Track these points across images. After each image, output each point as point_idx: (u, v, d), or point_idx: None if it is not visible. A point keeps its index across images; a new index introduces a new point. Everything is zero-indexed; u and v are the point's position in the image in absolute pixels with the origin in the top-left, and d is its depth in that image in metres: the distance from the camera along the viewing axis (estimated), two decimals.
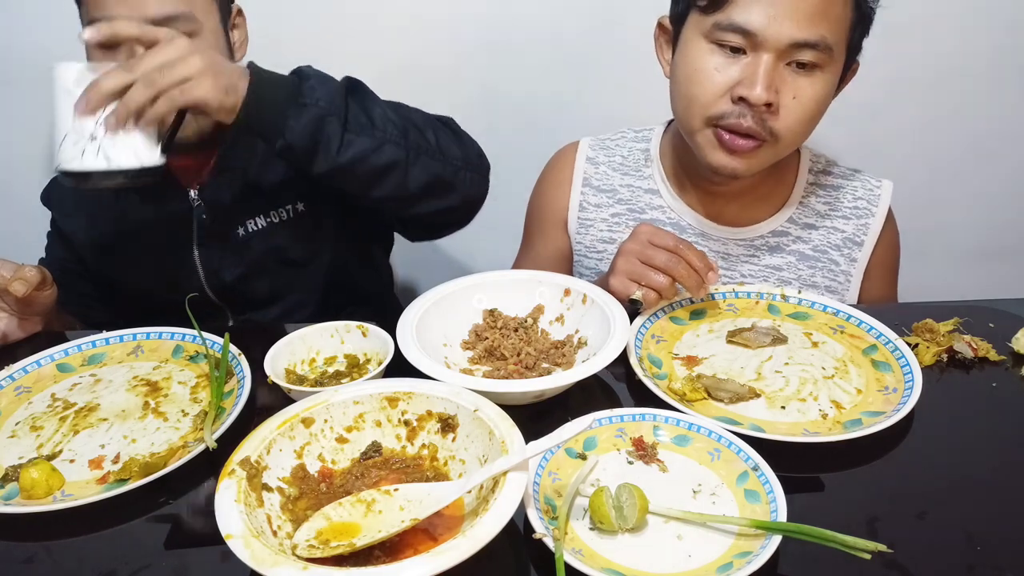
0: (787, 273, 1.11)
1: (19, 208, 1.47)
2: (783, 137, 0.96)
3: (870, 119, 1.52)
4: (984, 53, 1.47)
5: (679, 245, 0.91)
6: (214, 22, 1.05)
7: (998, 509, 0.69)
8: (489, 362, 0.91)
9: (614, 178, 1.17)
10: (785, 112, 0.94)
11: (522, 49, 1.43)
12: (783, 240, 1.11)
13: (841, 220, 1.11)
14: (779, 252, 1.11)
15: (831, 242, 1.11)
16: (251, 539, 0.58)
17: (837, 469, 0.75)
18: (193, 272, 1.17)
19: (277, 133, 0.88)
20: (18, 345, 1.00)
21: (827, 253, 1.11)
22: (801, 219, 1.11)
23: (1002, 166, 1.60)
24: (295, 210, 1.16)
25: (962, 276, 1.71)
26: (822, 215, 1.11)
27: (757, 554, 0.61)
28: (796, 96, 0.93)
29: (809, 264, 1.11)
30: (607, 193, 1.17)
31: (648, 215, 1.14)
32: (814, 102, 0.95)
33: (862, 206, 1.11)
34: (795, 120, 0.95)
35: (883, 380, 0.86)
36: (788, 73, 0.93)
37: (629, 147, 1.18)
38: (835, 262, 1.11)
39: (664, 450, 0.75)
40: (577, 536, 0.66)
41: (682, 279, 0.91)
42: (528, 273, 1.02)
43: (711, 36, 0.94)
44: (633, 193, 1.15)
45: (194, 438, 0.79)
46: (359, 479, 0.71)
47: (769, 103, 0.92)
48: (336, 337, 0.92)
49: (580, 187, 1.18)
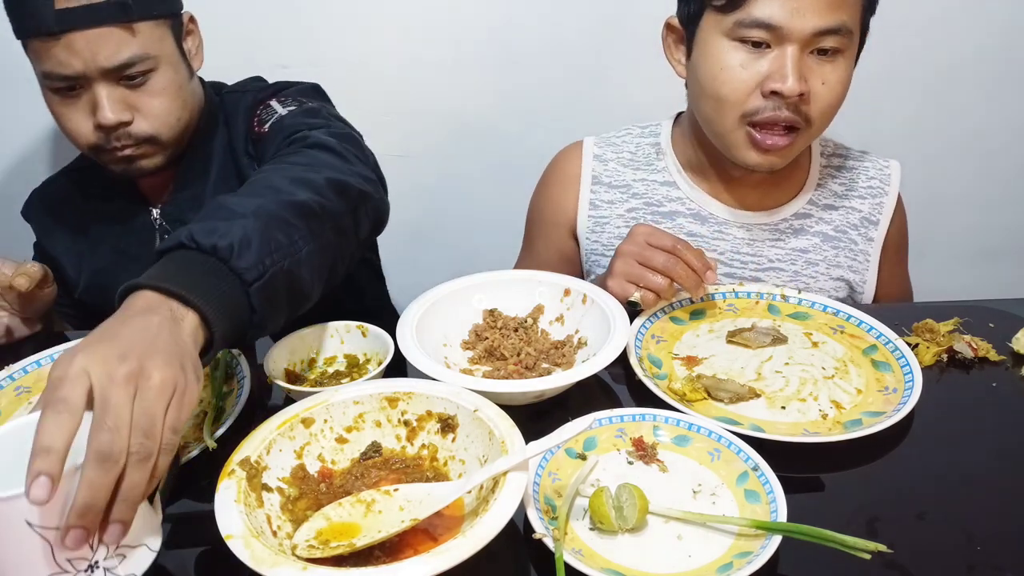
0: (814, 255, 1.11)
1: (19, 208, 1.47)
2: (816, 123, 0.98)
3: (870, 118, 1.52)
4: (984, 53, 1.47)
5: (677, 245, 0.91)
6: (169, 48, 1.04)
7: (998, 509, 0.70)
8: (489, 362, 0.91)
9: (625, 173, 1.16)
10: (815, 98, 0.95)
11: (525, 49, 1.43)
12: (807, 222, 1.11)
13: (858, 200, 1.13)
14: (804, 234, 1.11)
15: (850, 222, 1.12)
16: (251, 539, 0.58)
17: (837, 469, 0.75)
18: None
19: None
20: (18, 345, 1.00)
21: (847, 233, 1.12)
22: (821, 200, 1.12)
23: (1002, 166, 1.60)
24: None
25: (962, 276, 1.71)
26: (840, 195, 1.13)
27: (757, 554, 0.61)
28: (824, 82, 0.95)
29: (832, 245, 1.11)
30: (620, 189, 1.15)
31: (667, 208, 1.13)
32: (841, 85, 0.97)
33: (875, 185, 1.13)
34: (826, 104, 0.97)
35: (883, 380, 0.86)
36: (813, 61, 0.94)
37: (637, 142, 1.18)
38: (854, 241, 1.12)
39: (664, 450, 0.75)
40: (577, 536, 0.66)
41: (680, 280, 0.91)
42: (528, 273, 1.02)
43: (733, 34, 0.94)
44: (648, 187, 1.14)
45: (194, 438, 0.79)
46: (359, 479, 0.71)
47: (802, 93, 0.93)
48: (336, 337, 0.92)
49: (590, 186, 1.16)
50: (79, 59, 0.96)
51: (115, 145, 1.02)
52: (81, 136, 1.02)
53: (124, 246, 1.14)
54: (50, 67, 0.97)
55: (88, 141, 1.03)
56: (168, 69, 1.03)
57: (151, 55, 1.00)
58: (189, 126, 1.09)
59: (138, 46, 0.99)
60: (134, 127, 1.02)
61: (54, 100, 1.01)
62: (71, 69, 0.97)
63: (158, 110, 1.03)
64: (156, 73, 1.01)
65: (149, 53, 1.00)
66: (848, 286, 1.12)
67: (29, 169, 1.45)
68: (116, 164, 1.05)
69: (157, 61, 1.01)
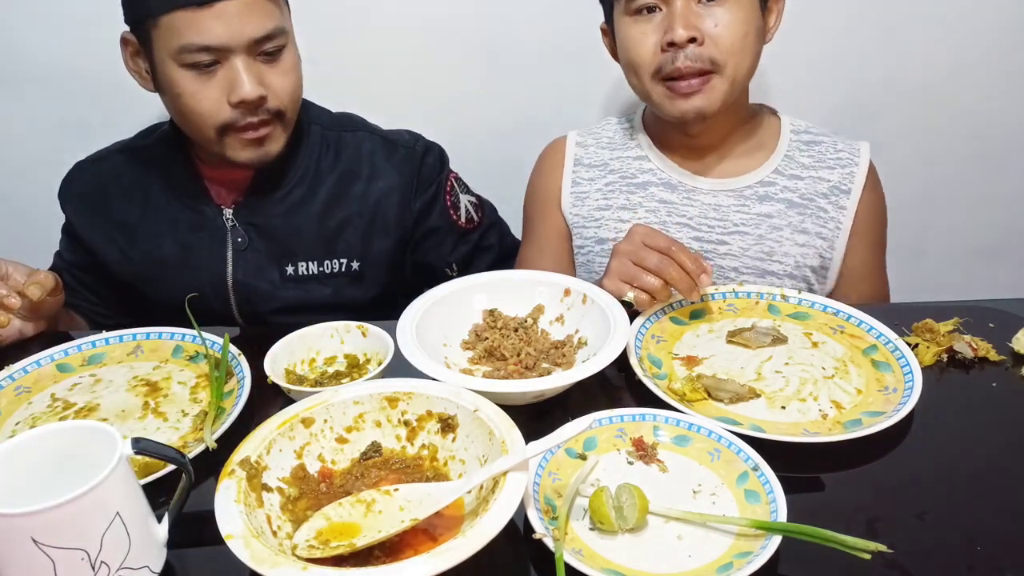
0: (778, 220, 1.14)
1: (19, 208, 1.47)
2: (725, 63, 1.03)
3: (870, 119, 1.52)
4: (984, 53, 1.47)
5: (671, 247, 0.92)
6: (292, 28, 1.05)
7: (998, 509, 0.69)
8: (489, 362, 0.91)
9: (603, 154, 1.23)
10: (715, 40, 1.02)
11: (521, 48, 1.43)
12: (771, 189, 1.15)
13: (826, 171, 1.16)
14: (768, 201, 1.15)
15: (818, 191, 1.15)
16: (251, 539, 0.58)
17: (837, 469, 0.75)
18: (225, 300, 1.16)
19: None
20: (19, 345, 1.00)
21: (815, 201, 1.15)
22: (787, 171, 1.16)
23: (1002, 166, 1.60)
24: (348, 266, 1.16)
25: (962, 276, 1.71)
26: (807, 167, 1.16)
27: (757, 554, 0.61)
28: (716, 23, 1.01)
29: (799, 211, 1.14)
30: (598, 168, 1.23)
31: (640, 179, 1.19)
32: (737, 22, 1.02)
33: (844, 157, 1.17)
34: (728, 43, 1.02)
35: (883, 380, 0.86)
36: (701, 9, 1.02)
37: (614, 128, 1.26)
38: (823, 209, 1.15)
39: (664, 450, 0.75)
40: (577, 536, 0.66)
41: (674, 281, 0.91)
42: (528, 273, 1.02)
43: (629, 9, 1.05)
44: (623, 163, 1.21)
45: (194, 438, 0.79)
46: (359, 479, 0.71)
47: (693, 38, 1.00)
48: (336, 337, 0.92)
49: (572, 167, 1.24)
50: (228, 29, 0.94)
51: (250, 122, 1.00)
52: (213, 115, 0.99)
53: (191, 240, 1.13)
54: (193, 39, 0.94)
55: (221, 119, 0.99)
56: (293, 48, 1.04)
57: (287, 30, 1.01)
58: (298, 113, 1.09)
59: (280, 19, 1.00)
60: (268, 103, 1.01)
61: (186, 77, 0.97)
62: (218, 39, 0.94)
63: (288, 87, 1.02)
64: (287, 50, 1.02)
65: (286, 28, 1.01)
66: (818, 254, 1.15)
67: (29, 169, 1.45)
68: (244, 148, 1.03)
69: (288, 38, 1.02)
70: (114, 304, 1.24)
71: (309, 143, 1.14)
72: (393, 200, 1.16)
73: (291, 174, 1.13)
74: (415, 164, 1.18)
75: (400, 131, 1.23)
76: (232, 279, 1.14)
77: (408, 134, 1.22)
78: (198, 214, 1.13)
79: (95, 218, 1.16)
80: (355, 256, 1.16)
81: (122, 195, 1.15)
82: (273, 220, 1.12)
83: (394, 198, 1.16)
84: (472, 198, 1.26)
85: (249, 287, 1.14)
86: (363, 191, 1.15)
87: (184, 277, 1.12)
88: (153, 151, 1.15)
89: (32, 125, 1.43)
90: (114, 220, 1.15)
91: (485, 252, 1.27)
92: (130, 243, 1.15)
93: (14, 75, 1.38)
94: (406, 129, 1.23)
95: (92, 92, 1.37)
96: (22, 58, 1.36)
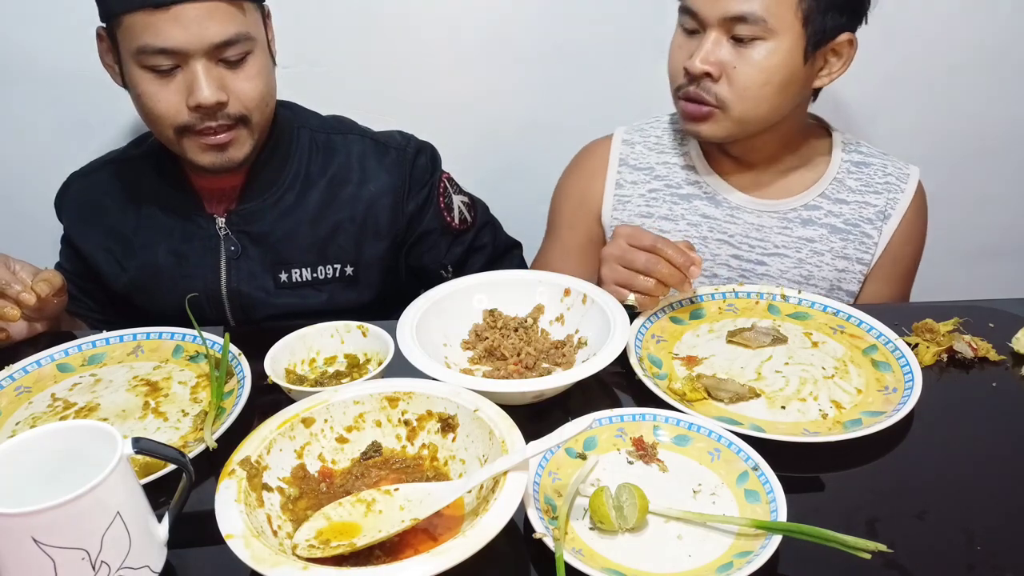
0: (819, 245, 1.14)
1: (18, 208, 1.47)
2: (731, 104, 1.03)
3: (870, 119, 1.52)
4: (984, 52, 1.47)
5: (656, 244, 0.91)
6: (262, 33, 1.03)
7: (998, 509, 0.70)
8: (489, 362, 0.91)
9: (650, 157, 1.21)
10: (729, 80, 1.02)
11: (524, 49, 1.43)
12: (815, 213, 1.14)
13: (872, 195, 1.15)
14: (811, 225, 1.14)
15: (863, 216, 1.14)
16: (251, 539, 0.58)
17: (837, 469, 0.75)
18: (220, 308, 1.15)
19: None
20: (19, 345, 1.00)
21: (859, 227, 1.14)
22: (833, 195, 1.15)
23: (1003, 166, 1.60)
24: (342, 271, 1.16)
25: (962, 276, 1.71)
26: (853, 191, 1.15)
27: (757, 554, 0.61)
28: (737, 66, 1.01)
29: (841, 236, 1.14)
30: (644, 171, 1.21)
31: (685, 190, 1.18)
32: (757, 70, 1.01)
33: (892, 182, 1.15)
34: (740, 87, 1.02)
35: (883, 380, 0.86)
36: (731, 46, 1.01)
37: (664, 128, 1.23)
38: (868, 235, 1.14)
39: (664, 450, 0.75)
40: (577, 536, 0.66)
41: (664, 278, 0.91)
42: (528, 273, 1.02)
43: (679, 21, 1.07)
44: (670, 170, 1.19)
45: (194, 438, 0.79)
46: (359, 479, 0.71)
47: (708, 73, 1.01)
48: (336, 337, 0.92)
49: (617, 167, 1.22)
50: (186, 33, 0.93)
51: (208, 126, 0.99)
52: (171, 117, 0.98)
53: (185, 250, 1.12)
54: (150, 41, 0.93)
55: (178, 122, 0.98)
56: (261, 53, 1.02)
57: (251, 36, 0.99)
58: (271, 119, 1.08)
59: (243, 24, 0.97)
60: (229, 108, 0.99)
61: (144, 79, 0.96)
62: (175, 43, 0.93)
63: (252, 93, 1.00)
64: (252, 56, 1.00)
65: (251, 34, 0.99)
66: (856, 279, 1.14)
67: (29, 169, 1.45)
68: (204, 152, 1.01)
69: (254, 44, 1.00)
70: (112, 315, 1.24)
71: (298, 147, 1.14)
72: (385, 203, 1.16)
73: (281, 179, 1.12)
74: (407, 166, 1.17)
75: (392, 132, 1.22)
76: (226, 288, 1.13)
77: (400, 135, 1.21)
78: (191, 223, 1.12)
79: (90, 230, 1.16)
80: (348, 261, 1.15)
81: (115, 207, 1.14)
82: (265, 227, 1.12)
83: (386, 201, 1.16)
84: (464, 198, 1.25)
85: (243, 296, 1.13)
86: (354, 195, 1.15)
87: (178, 287, 1.11)
88: (145, 161, 1.14)
89: (32, 125, 1.43)
90: (108, 231, 1.14)
91: (479, 252, 1.27)
92: (125, 254, 1.14)
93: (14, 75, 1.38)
94: (398, 130, 1.22)
95: (92, 92, 1.37)
96: (22, 58, 1.36)
